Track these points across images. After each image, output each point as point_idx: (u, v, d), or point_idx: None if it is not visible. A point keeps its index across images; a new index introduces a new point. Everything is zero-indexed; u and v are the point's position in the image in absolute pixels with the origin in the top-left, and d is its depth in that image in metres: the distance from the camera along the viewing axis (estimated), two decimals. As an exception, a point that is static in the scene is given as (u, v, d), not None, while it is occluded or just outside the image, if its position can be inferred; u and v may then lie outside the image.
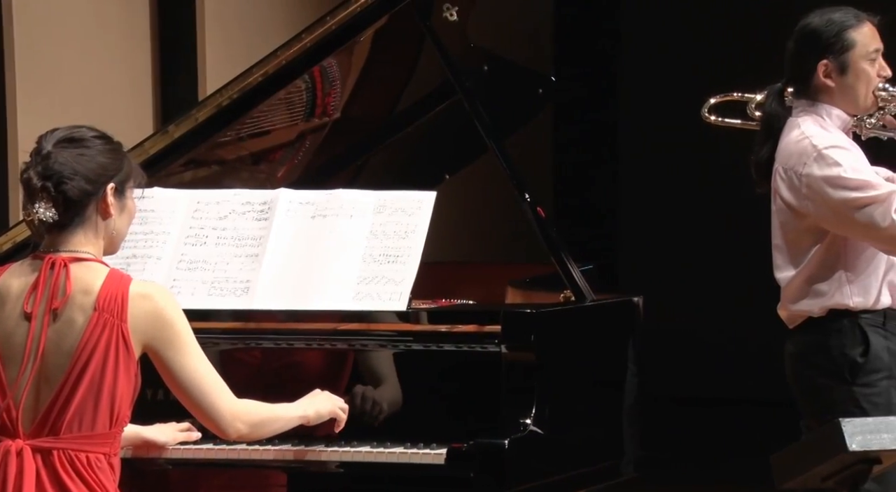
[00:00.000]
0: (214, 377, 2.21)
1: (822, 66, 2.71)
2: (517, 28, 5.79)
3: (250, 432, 2.24)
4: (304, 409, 2.38)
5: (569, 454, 2.68)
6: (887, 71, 2.73)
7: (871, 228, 2.63)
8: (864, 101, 2.73)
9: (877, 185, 2.66)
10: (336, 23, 3.01)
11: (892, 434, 2.20)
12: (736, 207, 6.16)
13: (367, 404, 2.65)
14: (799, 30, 2.75)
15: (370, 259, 2.75)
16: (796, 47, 2.74)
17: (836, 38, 2.69)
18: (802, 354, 2.74)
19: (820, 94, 2.73)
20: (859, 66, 2.71)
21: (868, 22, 2.73)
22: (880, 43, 2.73)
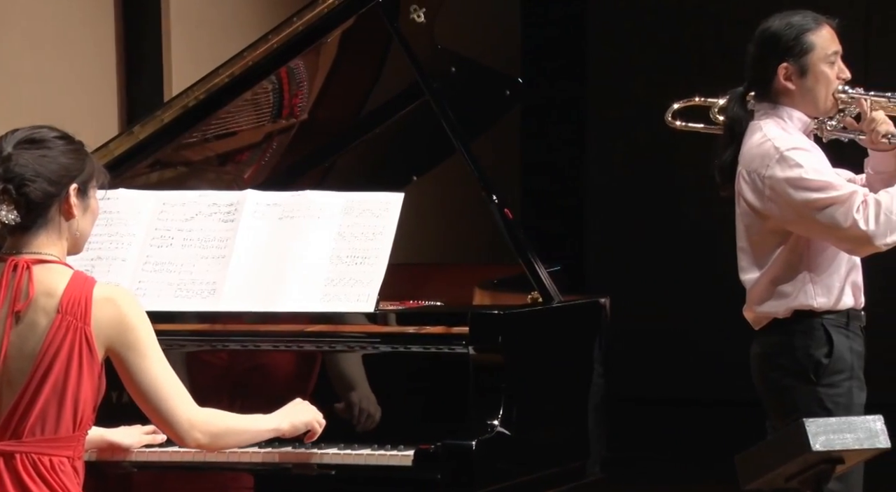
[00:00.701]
0: (174, 384, 2.20)
1: (783, 69, 2.74)
2: (484, 30, 5.80)
3: (210, 442, 2.22)
4: (277, 422, 2.35)
5: (536, 455, 2.69)
6: (846, 73, 2.77)
7: (833, 228, 2.67)
8: (825, 104, 2.76)
9: (838, 185, 2.69)
10: (303, 24, 3.01)
11: (855, 434, 2.23)
12: (702, 210, 6.21)
13: (334, 405, 2.65)
14: (759, 33, 2.78)
15: (338, 260, 2.75)
16: (757, 51, 2.78)
17: (795, 41, 2.72)
18: (767, 354, 2.77)
19: (781, 97, 2.76)
20: (819, 68, 2.74)
21: (827, 25, 2.76)
22: (839, 45, 2.76)
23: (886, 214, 2.66)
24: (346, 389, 2.68)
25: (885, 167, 2.80)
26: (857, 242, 2.68)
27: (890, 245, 2.68)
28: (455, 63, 3.20)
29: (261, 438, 2.33)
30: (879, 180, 2.79)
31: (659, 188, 6.40)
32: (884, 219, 2.65)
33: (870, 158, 2.84)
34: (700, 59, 6.09)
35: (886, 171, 2.80)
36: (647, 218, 6.48)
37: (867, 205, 2.66)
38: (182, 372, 2.60)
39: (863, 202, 2.66)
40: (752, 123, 2.78)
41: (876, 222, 2.65)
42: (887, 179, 2.78)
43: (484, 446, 2.55)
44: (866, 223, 2.65)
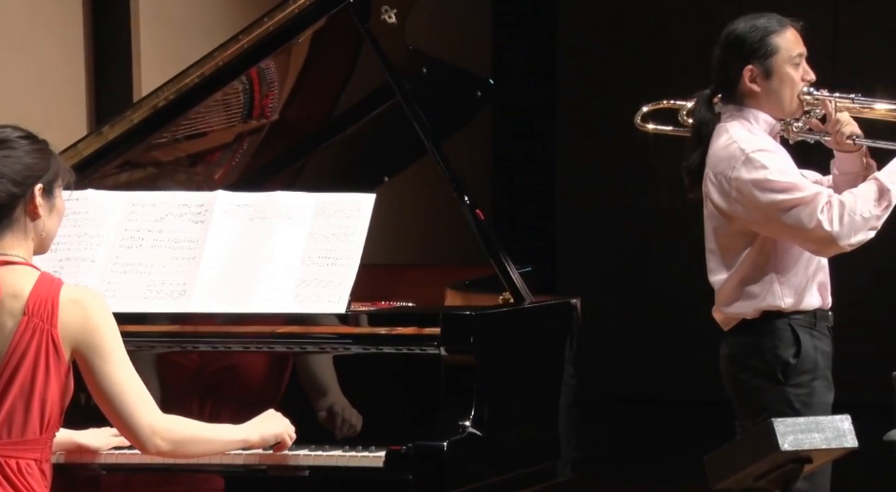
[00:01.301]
0: (138, 389, 2.18)
1: (748, 71, 2.77)
2: (456, 31, 5.81)
3: (172, 450, 2.20)
4: (247, 433, 2.34)
5: (507, 456, 2.70)
6: (811, 75, 2.79)
7: (798, 229, 2.69)
8: (790, 106, 2.79)
9: (803, 187, 2.72)
10: (273, 24, 3.01)
11: (823, 434, 2.25)
12: (672, 211, 6.25)
13: (306, 406, 2.65)
14: (724, 36, 2.80)
15: (309, 261, 2.75)
16: (722, 53, 2.80)
17: (760, 43, 2.75)
18: (736, 355, 2.80)
19: (747, 99, 2.79)
20: (783, 70, 2.76)
21: (791, 27, 2.79)
22: (804, 48, 2.79)
23: (850, 215, 2.68)
24: (318, 390, 2.68)
25: (850, 168, 2.83)
26: (821, 243, 2.70)
27: (854, 246, 2.71)
28: (426, 64, 3.21)
29: (227, 448, 2.31)
30: (846, 181, 2.82)
31: (631, 189, 6.44)
32: (847, 220, 2.68)
33: (836, 159, 2.87)
34: (673, 60, 6.13)
35: (852, 171, 2.83)
36: (618, 219, 6.51)
37: (831, 206, 2.68)
38: (152, 373, 2.59)
39: (827, 203, 2.69)
40: (718, 126, 2.80)
41: (840, 223, 2.67)
42: (853, 180, 2.81)
43: (455, 446, 2.56)
44: (830, 224, 2.67)
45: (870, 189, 2.71)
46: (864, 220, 2.68)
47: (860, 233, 2.69)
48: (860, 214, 2.68)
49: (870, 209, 2.69)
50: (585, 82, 6.48)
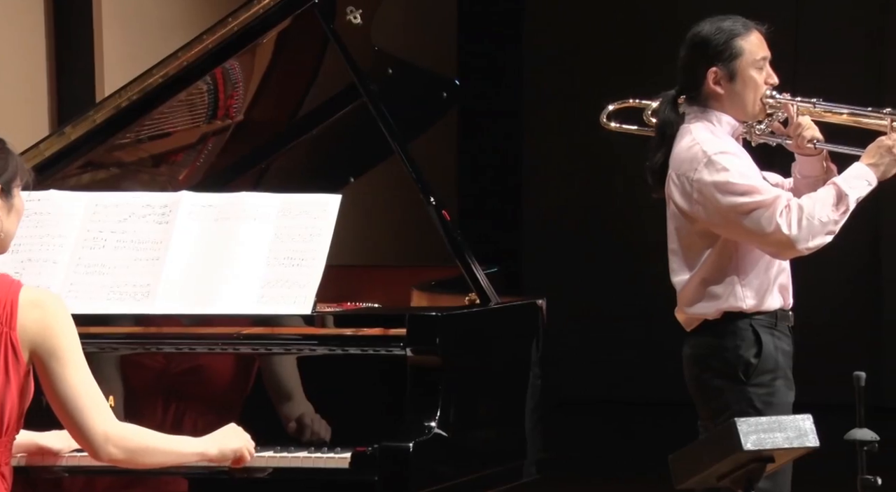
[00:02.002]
0: (94, 395, 2.17)
1: (712, 73, 2.79)
2: (421, 32, 5.82)
3: (127, 458, 2.19)
4: (205, 446, 2.31)
5: (473, 457, 2.71)
6: (774, 79, 2.83)
7: (757, 232, 2.72)
8: (753, 108, 2.82)
9: (763, 190, 2.75)
10: (238, 24, 3.01)
11: (785, 433, 2.28)
12: (637, 211, 6.29)
13: (271, 407, 2.64)
14: (690, 38, 2.83)
15: (274, 262, 2.75)
16: (687, 55, 2.83)
17: (724, 46, 2.78)
18: (699, 356, 2.82)
19: (710, 101, 2.81)
20: (747, 73, 2.79)
21: (756, 30, 2.82)
22: (768, 51, 2.82)
23: (809, 219, 2.71)
24: (284, 391, 2.68)
25: (811, 172, 2.87)
26: (780, 246, 2.73)
27: (811, 249, 2.74)
28: (392, 64, 3.22)
29: (184, 460, 2.28)
30: (806, 184, 2.85)
31: (596, 190, 6.47)
32: (806, 224, 2.71)
33: (797, 162, 2.91)
34: (638, 59, 6.17)
35: (812, 175, 2.87)
36: (584, 220, 6.55)
37: (790, 210, 2.72)
38: (116, 375, 2.58)
39: (786, 207, 2.72)
40: (682, 127, 2.83)
41: (798, 227, 2.71)
42: (814, 184, 2.85)
43: (421, 447, 2.57)
44: (789, 228, 2.70)
45: (828, 194, 2.74)
46: (822, 224, 2.71)
47: (818, 237, 2.72)
48: (818, 218, 2.71)
49: (828, 214, 2.72)
50: (551, 82, 6.51)
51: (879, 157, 2.76)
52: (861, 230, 2.86)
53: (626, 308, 6.37)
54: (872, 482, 2.35)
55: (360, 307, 3.08)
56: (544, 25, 6.57)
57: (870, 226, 5.90)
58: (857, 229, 2.80)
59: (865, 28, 6.09)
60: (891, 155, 2.75)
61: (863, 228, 2.83)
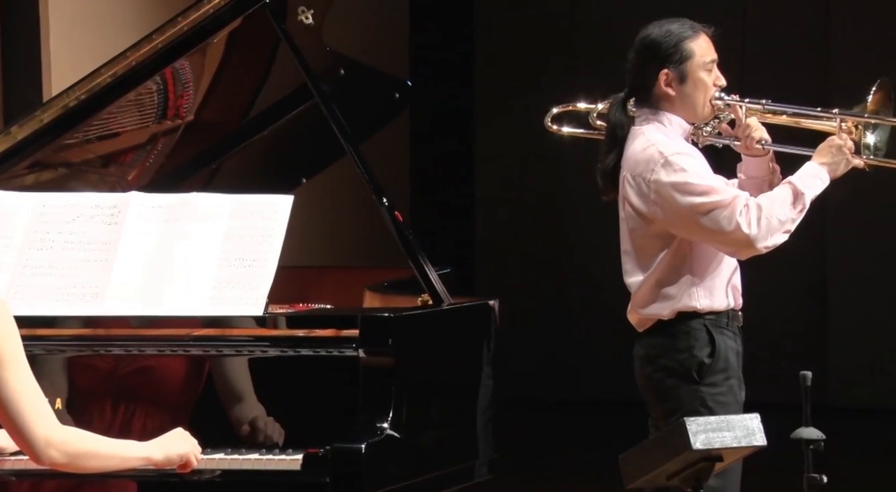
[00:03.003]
0: (35, 399, 2.15)
1: (664, 75, 2.82)
2: (373, 32, 5.82)
3: (68, 463, 2.17)
4: (150, 451, 2.28)
5: (425, 457, 2.72)
6: (722, 81, 2.87)
7: (716, 232, 2.75)
8: (703, 110, 2.85)
9: (721, 190, 2.79)
10: (188, 24, 3.00)
11: (733, 432, 2.31)
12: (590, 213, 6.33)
13: (222, 409, 2.63)
14: (639, 41, 2.86)
15: (226, 263, 2.74)
16: (637, 58, 2.85)
17: (674, 48, 2.81)
18: (651, 356, 2.84)
19: (661, 103, 2.85)
20: (697, 75, 2.82)
21: (703, 33, 2.85)
22: (715, 53, 2.86)
23: (767, 218, 2.75)
24: (235, 393, 2.67)
25: (757, 172, 2.91)
26: (739, 245, 2.76)
27: (770, 248, 2.78)
28: (344, 65, 3.22)
29: (128, 465, 2.26)
30: (752, 185, 2.89)
31: (547, 191, 6.51)
32: (765, 222, 2.75)
33: (742, 163, 2.95)
34: (589, 63, 6.21)
35: (758, 176, 2.91)
36: (536, 221, 6.58)
37: (749, 209, 2.75)
38: (62, 377, 2.55)
39: (745, 206, 2.76)
40: (633, 129, 2.86)
41: (758, 226, 2.74)
42: (760, 184, 2.89)
43: (373, 448, 2.57)
44: (749, 226, 2.74)
45: (785, 193, 2.78)
46: (780, 223, 2.75)
47: (776, 235, 2.76)
48: (776, 217, 2.75)
49: (785, 212, 2.76)
50: (503, 84, 6.54)
51: (831, 156, 2.80)
52: (807, 231, 2.89)
53: (578, 309, 6.41)
54: (818, 481, 2.39)
55: (312, 308, 3.08)
56: (497, 24, 6.59)
57: (816, 227, 5.99)
58: (804, 231, 2.84)
59: (811, 28, 6.18)
60: (842, 154, 2.79)
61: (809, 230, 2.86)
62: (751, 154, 2.89)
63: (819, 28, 6.16)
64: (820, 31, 6.15)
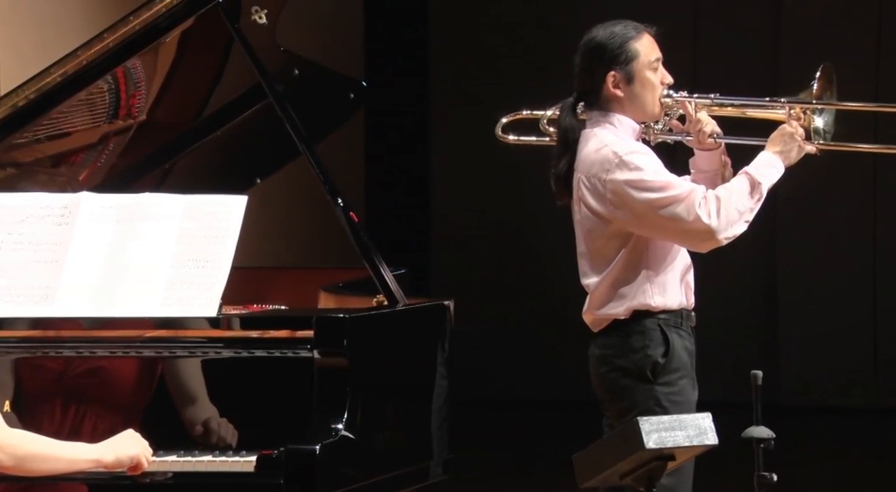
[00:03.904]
0: None
1: (611, 77, 2.85)
2: (327, 32, 5.81)
3: (15, 465, 2.15)
4: (100, 453, 2.27)
5: (379, 458, 2.73)
6: (669, 79, 2.89)
7: (677, 225, 2.76)
8: (652, 109, 2.88)
9: (677, 184, 2.81)
10: (140, 23, 2.98)
11: (686, 432, 2.33)
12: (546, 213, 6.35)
13: (175, 411, 2.62)
14: (584, 44, 2.88)
15: (179, 264, 2.72)
16: (584, 61, 2.88)
17: (620, 49, 2.84)
18: (606, 355, 2.86)
19: (611, 104, 2.87)
20: (644, 75, 2.85)
21: (647, 33, 2.88)
22: (659, 52, 2.88)
23: (726, 209, 2.77)
24: (188, 394, 2.66)
25: (709, 166, 2.93)
26: (700, 237, 2.77)
27: (730, 239, 2.80)
28: (298, 65, 3.21)
29: (77, 467, 2.24)
30: (704, 179, 2.92)
31: (502, 192, 6.53)
32: (724, 213, 2.76)
33: (694, 158, 2.97)
34: (542, 62, 6.24)
35: (711, 169, 2.93)
36: (491, 221, 6.60)
37: (707, 200, 2.78)
38: (11, 380, 2.52)
39: (703, 198, 2.78)
40: (584, 132, 2.88)
41: (718, 216, 2.76)
42: (712, 178, 2.92)
43: (328, 450, 2.57)
44: (709, 217, 2.75)
45: (742, 183, 2.80)
46: (738, 213, 2.77)
47: (735, 226, 2.78)
48: (735, 207, 2.77)
49: (744, 203, 2.78)
50: (458, 83, 6.55)
51: (784, 144, 2.82)
52: (757, 230, 2.92)
53: (532, 309, 6.44)
54: (768, 479, 2.42)
55: (266, 309, 3.06)
56: (452, 24, 6.60)
57: (766, 226, 6.06)
58: (754, 230, 2.87)
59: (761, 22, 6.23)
60: (794, 141, 2.82)
61: (759, 229, 2.89)
62: (703, 148, 2.91)
63: (770, 21, 6.21)
64: (770, 26, 6.21)
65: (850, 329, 6.19)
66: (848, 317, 6.19)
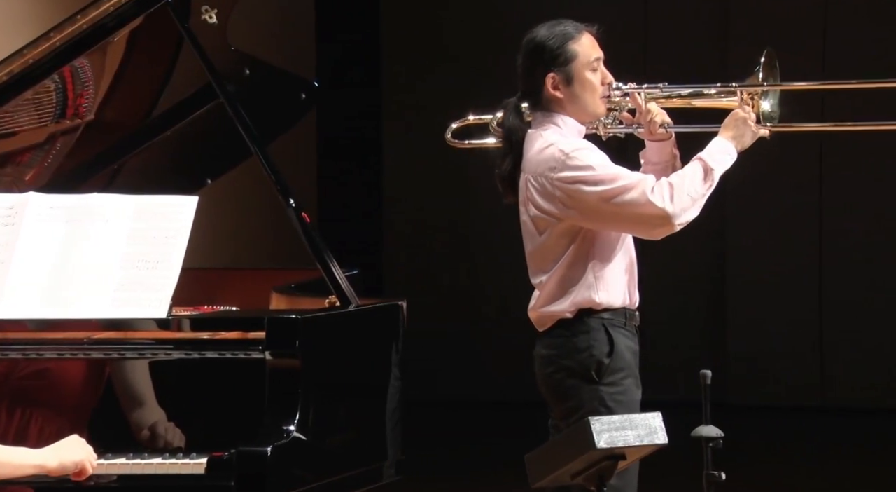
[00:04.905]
0: None
1: (550, 78, 2.85)
2: (279, 32, 5.78)
3: None
4: (44, 458, 2.24)
5: (332, 460, 2.72)
6: (609, 78, 2.89)
7: (631, 212, 2.75)
8: (594, 109, 2.89)
9: (626, 174, 2.82)
10: (88, 22, 2.95)
11: (636, 431, 2.34)
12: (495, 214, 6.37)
13: (124, 413, 2.59)
14: (525, 44, 2.88)
15: (129, 265, 2.70)
16: (525, 61, 2.88)
17: (559, 50, 2.83)
18: (551, 355, 2.86)
19: (552, 105, 2.88)
20: (583, 75, 2.85)
21: (587, 32, 2.88)
22: (600, 51, 2.88)
23: (679, 194, 2.77)
24: (137, 397, 2.63)
25: (660, 158, 2.93)
26: (655, 223, 2.77)
27: (683, 224, 2.80)
28: (249, 65, 3.20)
29: (21, 473, 2.22)
30: (655, 171, 2.93)
31: (453, 193, 6.54)
32: (678, 198, 2.76)
33: (645, 150, 2.98)
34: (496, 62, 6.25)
35: (661, 161, 2.94)
36: (443, 223, 6.60)
37: (661, 186, 2.78)
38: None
39: (656, 184, 2.79)
40: (529, 133, 2.88)
41: (671, 201, 2.76)
42: (663, 169, 2.92)
43: (279, 451, 2.56)
44: (662, 201, 2.75)
45: (696, 169, 2.81)
46: (691, 199, 2.78)
47: (689, 211, 2.79)
48: (688, 193, 2.78)
49: (696, 188, 2.78)
50: (410, 84, 6.55)
51: (736, 129, 2.83)
52: (705, 230, 2.94)
53: (484, 309, 6.45)
54: (717, 477, 2.44)
55: (217, 311, 3.04)
56: (403, 27, 6.60)
57: (714, 225, 6.11)
58: (702, 229, 2.88)
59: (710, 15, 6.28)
60: (746, 126, 2.83)
61: (707, 228, 2.91)
62: (655, 139, 2.91)
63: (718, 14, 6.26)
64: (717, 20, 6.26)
65: (797, 327, 6.26)
66: (795, 313, 6.25)
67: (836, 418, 6.00)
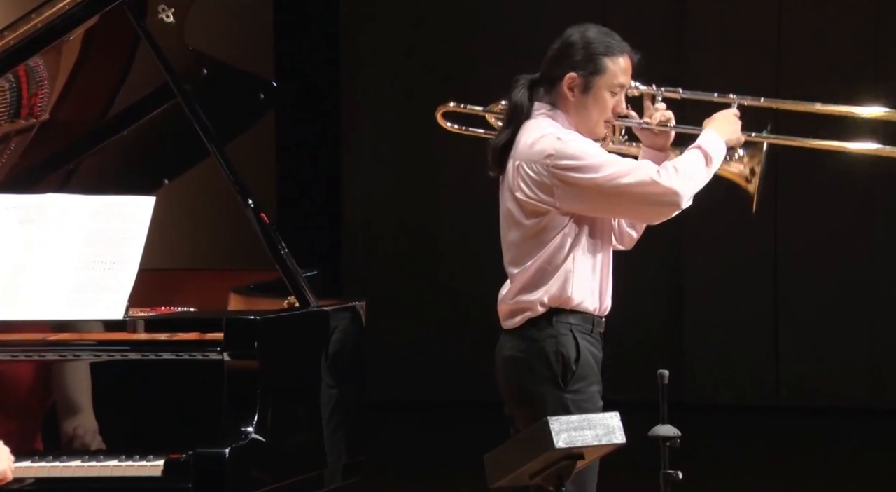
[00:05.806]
0: None
1: (570, 77, 2.82)
2: (237, 32, 5.75)
3: None
4: None
5: (290, 461, 2.71)
6: (622, 109, 2.85)
7: (640, 188, 2.73)
8: (594, 127, 2.85)
9: (620, 160, 2.81)
10: (42, 21, 2.92)
11: (594, 431, 2.36)
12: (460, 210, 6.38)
13: (79, 414, 2.56)
14: (566, 35, 2.84)
15: (84, 266, 2.68)
16: (558, 49, 2.83)
17: (594, 57, 2.80)
18: (518, 359, 2.84)
19: (560, 102, 2.84)
20: (601, 92, 2.82)
21: (627, 56, 2.84)
22: (629, 80, 2.85)
23: (684, 174, 2.77)
24: (93, 398, 2.60)
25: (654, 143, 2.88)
26: (664, 201, 2.75)
27: (687, 205, 2.79)
28: (206, 65, 3.18)
29: None
30: None
31: (414, 193, 6.54)
32: (683, 176, 2.76)
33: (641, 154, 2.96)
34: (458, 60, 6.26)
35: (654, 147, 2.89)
36: (402, 223, 6.60)
37: (666, 168, 2.78)
38: None
39: (661, 166, 2.78)
40: (528, 122, 2.83)
41: (678, 177, 2.75)
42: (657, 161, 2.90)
43: (237, 453, 2.55)
44: (669, 180, 2.75)
45: (696, 155, 2.82)
46: (695, 183, 2.79)
47: (692, 191, 2.78)
48: (690, 175, 2.78)
49: (699, 169, 2.79)
50: (370, 84, 6.54)
51: (728, 123, 2.84)
52: (664, 231, 2.95)
53: (442, 309, 6.45)
54: (674, 476, 2.46)
55: (175, 311, 3.02)
56: (362, 28, 6.59)
57: (673, 226, 6.15)
58: (661, 230, 2.89)
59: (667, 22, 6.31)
60: (737, 123, 2.84)
61: (666, 229, 2.92)
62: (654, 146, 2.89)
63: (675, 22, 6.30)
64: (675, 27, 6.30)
65: (753, 329, 6.33)
66: (751, 315, 6.32)
67: (790, 418, 6.07)
